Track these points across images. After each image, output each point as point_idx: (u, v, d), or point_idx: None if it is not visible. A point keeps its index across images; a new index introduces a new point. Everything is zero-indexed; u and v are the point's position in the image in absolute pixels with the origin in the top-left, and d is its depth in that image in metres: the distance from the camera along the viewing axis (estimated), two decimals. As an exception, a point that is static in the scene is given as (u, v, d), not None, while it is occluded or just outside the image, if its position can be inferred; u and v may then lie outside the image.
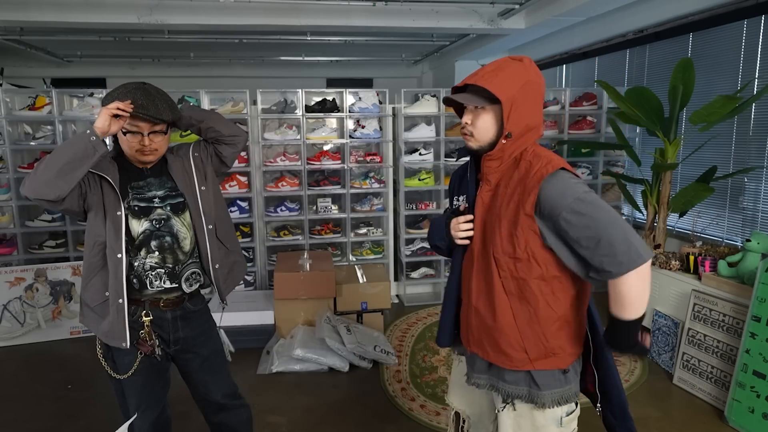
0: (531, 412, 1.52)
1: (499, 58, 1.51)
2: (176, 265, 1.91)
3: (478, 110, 1.46)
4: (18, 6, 4.62)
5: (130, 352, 1.89)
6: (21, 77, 7.41)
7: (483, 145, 1.48)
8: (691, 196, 3.76)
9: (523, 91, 1.41)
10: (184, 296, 1.96)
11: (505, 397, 1.54)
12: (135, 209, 1.86)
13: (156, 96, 1.81)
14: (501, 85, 1.40)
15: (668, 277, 3.49)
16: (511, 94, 1.40)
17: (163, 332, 1.94)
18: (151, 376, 1.96)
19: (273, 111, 4.47)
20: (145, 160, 1.87)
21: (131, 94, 1.76)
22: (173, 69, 8.01)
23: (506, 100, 1.40)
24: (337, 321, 3.68)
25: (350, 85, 6.66)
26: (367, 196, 4.77)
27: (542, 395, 1.49)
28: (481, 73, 1.44)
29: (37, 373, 3.56)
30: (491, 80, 1.41)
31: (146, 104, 1.75)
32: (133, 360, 1.90)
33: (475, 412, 1.74)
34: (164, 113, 1.80)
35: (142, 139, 1.80)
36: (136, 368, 1.90)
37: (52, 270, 4.10)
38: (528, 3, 4.82)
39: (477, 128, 1.47)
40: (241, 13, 4.91)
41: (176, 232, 1.90)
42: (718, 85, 4.18)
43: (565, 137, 4.91)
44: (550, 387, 1.50)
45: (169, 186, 1.93)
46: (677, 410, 3.00)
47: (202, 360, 2.02)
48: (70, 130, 4.35)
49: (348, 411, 3.03)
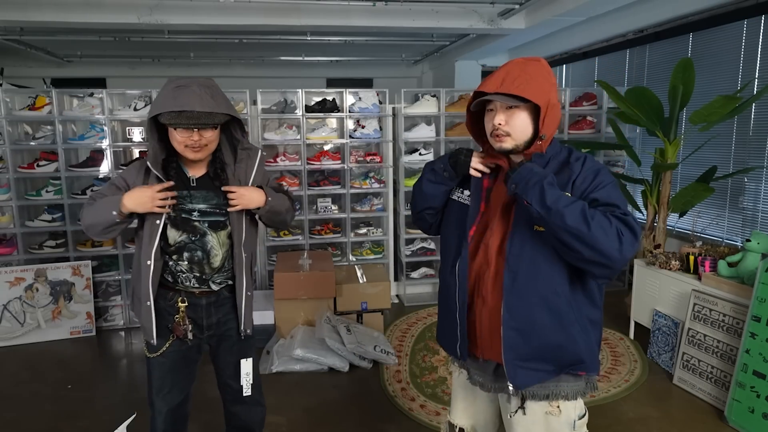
0: (545, 417, 1.50)
1: (516, 58, 1.51)
2: (203, 275, 1.94)
3: (512, 110, 1.46)
4: (18, 6, 4.62)
5: (161, 334, 1.94)
6: (21, 77, 7.40)
7: (520, 144, 1.48)
8: (691, 196, 3.76)
9: (553, 94, 1.46)
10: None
11: (523, 398, 1.51)
12: (173, 219, 1.88)
13: (206, 97, 1.74)
14: (537, 91, 1.42)
15: (668, 277, 3.49)
16: (547, 98, 1.43)
17: (197, 317, 1.97)
18: (179, 363, 1.99)
19: (273, 111, 4.47)
20: (195, 157, 1.83)
21: (180, 98, 1.70)
22: (173, 69, 8.01)
23: (544, 104, 1.43)
24: (337, 321, 3.68)
25: (350, 85, 6.66)
26: (367, 196, 4.76)
27: (560, 388, 1.49)
28: (510, 79, 1.43)
29: (37, 373, 3.56)
30: (524, 87, 1.41)
31: (198, 114, 1.70)
32: (164, 342, 1.95)
33: (480, 423, 1.71)
34: (215, 117, 1.75)
35: (192, 134, 1.76)
36: (165, 350, 1.95)
37: (52, 270, 4.10)
38: (528, 3, 4.81)
39: (514, 128, 1.46)
40: (241, 13, 4.91)
41: (209, 249, 1.91)
42: (718, 85, 4.18)
43: (565, 137, 4.91)
44: (568, 381, 1.50)
45: (213, 202, 1.91)
46: (677, 410, 3.00)
47: (232, 343, 2.05)
48: (70, 130, 4.36)
49: (348, 411, 3.03)
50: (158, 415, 2.00)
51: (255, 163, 1.95)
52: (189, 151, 1.80)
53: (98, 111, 4.18)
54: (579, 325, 1.47)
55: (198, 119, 1.71)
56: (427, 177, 1.64)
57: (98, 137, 4.20)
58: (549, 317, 1.44)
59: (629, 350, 3.75)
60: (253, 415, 2.19)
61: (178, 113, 1.69)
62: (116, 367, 3.70)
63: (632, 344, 3.83)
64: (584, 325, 1.49)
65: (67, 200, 4.16)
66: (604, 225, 1.32)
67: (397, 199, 4.83)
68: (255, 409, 2.18)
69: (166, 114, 1.71)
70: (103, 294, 4.35)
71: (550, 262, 1.44)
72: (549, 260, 1.44)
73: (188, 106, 1.69)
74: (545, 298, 1.44)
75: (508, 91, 1.41)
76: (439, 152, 4.72)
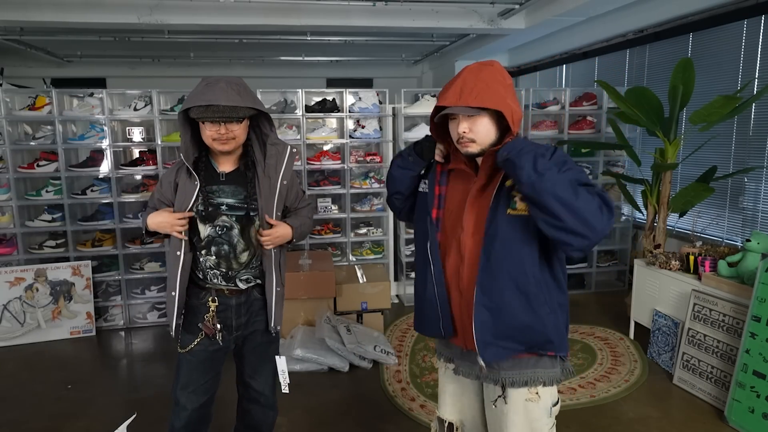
0: (525, 405, 1.57)
1: (470, 65, 1.55)
2: (229, 271, 1.98)
3: (474, 117, 1.51)
4: (18, 6, 4.62)
5: (192, 331, 2.01)
6: (21, 77, 7.40)
7: (484, 148, 1.54)
8: (691, 196, 3.76)
9: (510, 95, 1.51)
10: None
11: (503, 386, 1.59)
12: (202, 213, 1.94)
13: (232, 92, 1.81)
14: (495, 97, 1.47)
15: (668, 277, 3.49)
16: (506, 101, 1.49)
17: (227, 318, 2.01)
18: (206, 362, 2.03)
19: (273, 111, 4.47)
20: (223, 149, 1.89)
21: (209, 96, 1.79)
22: (173, 69, 8.01)
23: (506, 109, 1.48)
24: (337, 321, 3.68)
25: (350, 85, 6.67)
26: (367, 196, 4.77)
27: (538, 374, 1.57)
28: (467, 91, 1.48)
29: (37, 373, 3.56)
30: (483, 97, 1.46)
31: (223, 108, 1.79)
32: (194, 339, 2.00)
33: (467, 417, 1.76)
34: (240, 111, 1.82)
35: (219, 128, 1.84)
36: (193, 347, 2.00)
37: (52, 270, 4.10)
38: (528, 3, 4.81)
39: (478, 134, 1.52)
40: (241, 13, 4.91)
41: (235, 243, 1.95)
42: (718, 85, 4.18)
43: (565, 137, 4.91)
44: (545, 366, 1.59)
45: (242, 197, 1.96)
46: (677, 410, 3.00)
47: (257, 343, 2.10)
48: (70, 130, 4.36)
49: (348, 411, 3.03)
50: (181, 411, 2.04)
51: (284, 160, 2.01)
52: (217, 144, 1.87)
53: (98, 111, 4.18)
54: (548, 306, 1.54)
55: (223, 113, 1.79)
56: (396, 162, 1.76)
57: (98, 137, 4.20)
58: (519, 298, 1.51)
59: (629, 350, 3.75)
60: (266, 417, 2.25)
61: (205, 107, 1.78)
62: (116, 367, 3.70)
63: (632, 344, 3.83)
64: (553, 307, 1.55)
65: (67, 200, 4.16)
66: (588, 197, 1.38)
67: (397, 199, 4.82)
68: (269, 412, 2.24)
69: (195, 109, 1.80)
70: (103, 294, 4.36)
71: (521, 245, 1.50)
72: (520, 243, 1.50)
73: (214, 100, 1.78)
74: (516, 279, 1.51)
75: (466, 103, 1.47)
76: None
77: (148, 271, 4.39)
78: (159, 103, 4.26)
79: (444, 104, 1.51)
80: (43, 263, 4.14)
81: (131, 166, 4.28)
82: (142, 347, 4.04)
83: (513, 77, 8.05)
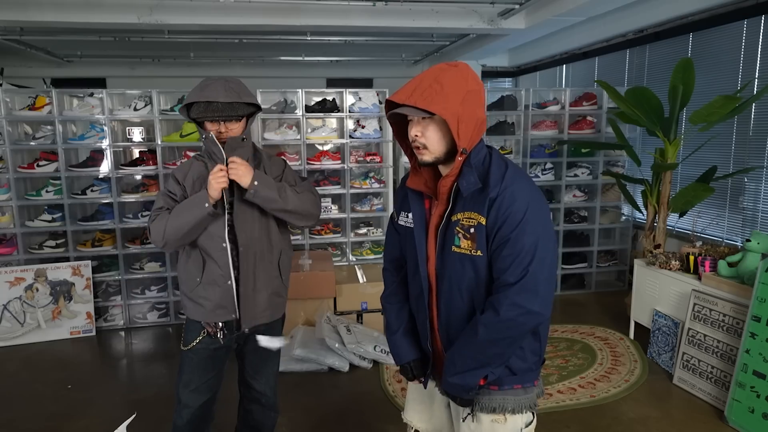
0: (491, 425, 1.49)
1: (439, 64, 1.41)
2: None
3: (427, 121, 1.39)
4: (18, 6, 4.62)
5: (195, 329, 2.03)
6: (21, 77, 7.40)
7: (439, 156, 1.41)
8: (691, 196, 3.76)
9: (464, 105, 1.34)
10: None
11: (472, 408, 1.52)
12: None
13: (230, 90, 1.89)
14: (444, 103, 1.32)
15: (668, 277, 3.49)
16: (455, 110, 1.33)
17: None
18: (207, 361, 2.05)
19: (273, 111, 4.47)
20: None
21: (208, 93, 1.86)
22: (173, 69, 8.01)
23: (451, 118, 1.33)
24: (337, 321, 3.68)
25: (350, 85, 6.66)
26: (367, 196, 4.76)
27: (507, 401, 1.48)
28: (419, 91, 1.34)
29: (37, 373, 3.56)
30: (431, 99, 1.32)
31: (222, 106, 1.86)
32: (196, 336, 2.03)
33: (436, 427, 1.70)
34: (239, 108, 1.90)
35: (219, 126, 1.92)
36: (195, 345, 2.03)
37: (52, 270, 4.10)
38: (528, 3, 4.81)
39: (429, 140, 1.39)
40: (241, 13, 4.91)
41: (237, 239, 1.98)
42: (718, 85, 4.18)
43: (565, 137, 4.91)
44: (516, 393, 1.49)
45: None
46: (677, 410, 3.00)
47: (258, 344, 2.10)
48: (70, 130, 4.36)
49: (348, 411, 3.03)
50: (184, 409, 2.05)
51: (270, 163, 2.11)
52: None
53: (98, 111, 4.18)
54: None
55: (222, 111, 1.87)
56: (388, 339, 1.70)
57: (98, 137, 4.20)
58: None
59: (629, 350, 3.75)
60: (267, 418, 2.26)
61: (205, 107, 1.86)
62: (116, 367, 3.70)
63: (632, 344, 3.83)
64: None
65: (67, 200, 4.16)
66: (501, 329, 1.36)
67: (397, 199, 4.82)
68: (270, 413, 2.26)
69: (195, 108, 1.87)
70: (103, 294, 4.36)
71: (468, 281, 1.42)
72: (467, 280, 1.42)
73: (213, 97, 1.85)
74: (470, 316, 1.44)
75: (414, 103, 1.33)
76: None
77: (148, 271, 4.39)
78: (159, 103, 4.26)
79: (394, 99, 1.38)
80: (43, 263, 4.14)
81: (131, 166, 4.28)
82: (142, 347, 4.04)
83: (513, 77, 8.09)
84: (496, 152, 1.47)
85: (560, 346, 3.85)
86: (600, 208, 5.05)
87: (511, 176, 1.39)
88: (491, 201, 1.37)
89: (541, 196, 1.42)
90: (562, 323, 4.25)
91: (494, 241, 1.37)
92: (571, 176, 5.00)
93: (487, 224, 1.37)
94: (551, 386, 3.25)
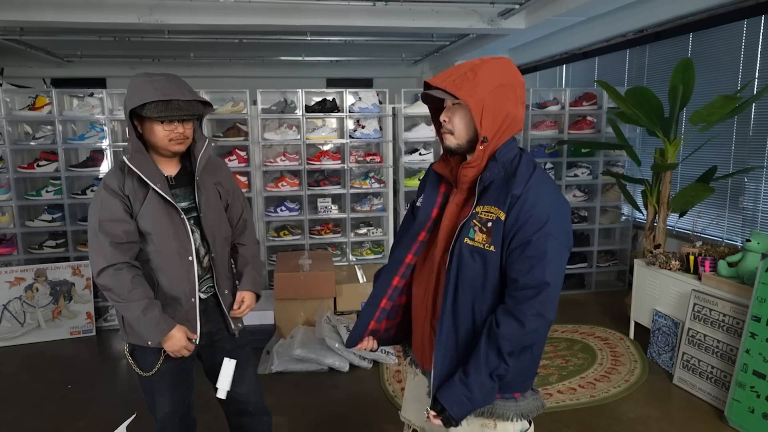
0: (481, 429, 1.46)
1: (485, 57, 1.42)
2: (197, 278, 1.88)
3: (455, 106, 1.40)
4: (18, 6, 4.62)
5: (153, 351, 1.85)
6: (21, 77, 7.40)
7: (461, 144, 1.41)
8: (691, 196, 3.76)
9: (494, 95, 1.33)
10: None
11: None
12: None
13: (184, 87, 1.76)
14: (472, 89, 1.32)
15: (668, 277, 3.49)
16: (480, 97, 1.32)
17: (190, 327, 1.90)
18: (176, 378, 1.91)
19: (273, 111, 4.47)
20: (178, 150, 1.80)
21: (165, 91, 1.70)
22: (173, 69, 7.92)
23: (475, 104, 1.32)
24: (337, 321, 3.68)
25: (350, 85, 6.66)
26: (367, 196, 4.77)
27: (496, 407, 1.44)
28: (454, 76, 1.35)
29: (37, 373, 3.56)
30: (460, 85, 1.33)
31: (184, 105, 1.72)
32: (156, 359, 1.86)
33: (434, 427, 1.64)
34: (197, 107, 1.77)
35: (176, 126, 1.75)
36: (160, 366, 1.86)
37: (52, 270, 4.10)
38: (528, 3, 4.82)
39: (455, 125, 1.40)
40: (241, 13, 4.92)
41: (197, 247, 1.87)
42: (718, 85, 4.18)
43: (565, 137, 4.91)
44: (506, 401, 1.45)
45: (192, 198, 1.87)
46: (677, 410, 3.00)
47: (226, 353, 1.96)
48: (70, 130, 4.36)
49: (348, 411, 3.03)
50: (164, 429, 1.94)
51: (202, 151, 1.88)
52: (173, 144, 1.77)
53: (98, 111, 4.18)
54: None
55: (186, 110, 1.71)
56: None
57: (98, 137, 4.20)
58: (474, 335, 1.40)
59: (629, 350, 3.75)
60: (261, 425, 2.13)
61: (165, 105, 1.68)
62: (116, 367, 3.70)
63: (632, 344, 3.83)
64: None
65: (67, 200, 4.16)
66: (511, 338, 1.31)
67: (397, 199, 4.83)
68: (262, 418, 2.12)
69: (152, 107, 1.67)
70: (102, 294, 4.35)
71: (478, 276, 1.39)
72: (476, 275, 1.39)
73: (172, 95, 1.68)
74: (473, 315, 1.40)
75: (445, 87, 1.34)
76: (438, 152, 4.70)
77: (148, 271, 4.39)
78: (159, 103, 4.25)
79: (430, 82, 1.40)
80: (43, 263, 4.14)
81: (131, 166, 4.27)
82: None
83: (513, 77, 8.08)
84: (528, 155, 1.45)
85: (560, 346, 3.85)
86: (600, 208, 5.05)
87: (537, 178, 1.37)
88: (514, 198, 1.34)
89: (566, 203, 1.40)
90: (562, 323, 4.25)
91: (513, 240, 1.34)
92: (571, 176, 5.00)
93: (506, 221, 1.34)
94: (551, 386, 3.25)
